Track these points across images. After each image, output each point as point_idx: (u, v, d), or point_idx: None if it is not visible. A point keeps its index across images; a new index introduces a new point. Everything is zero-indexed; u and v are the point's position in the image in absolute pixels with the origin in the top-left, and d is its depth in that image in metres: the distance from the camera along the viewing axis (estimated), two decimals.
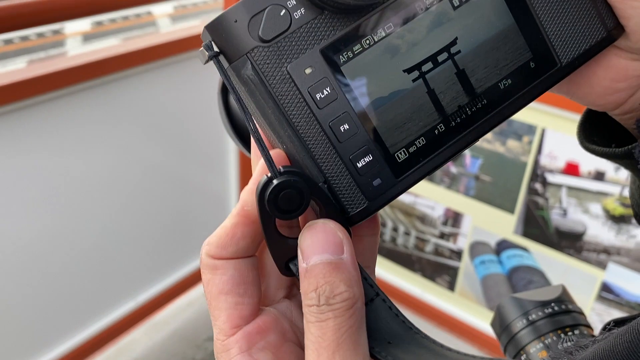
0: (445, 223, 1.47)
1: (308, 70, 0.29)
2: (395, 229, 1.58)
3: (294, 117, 0.29)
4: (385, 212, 1.59)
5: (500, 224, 1.36)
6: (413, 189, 1.49)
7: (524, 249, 1.35)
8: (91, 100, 1.34)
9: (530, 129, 1.25)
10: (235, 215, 0.31)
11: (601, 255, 1.24)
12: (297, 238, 0.29)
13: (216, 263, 0.30)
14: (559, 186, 1.25)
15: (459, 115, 0.31)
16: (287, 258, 0.30)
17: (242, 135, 0.45)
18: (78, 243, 1.39)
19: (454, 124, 0.31)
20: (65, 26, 8.31)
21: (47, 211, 1.31)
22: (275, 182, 0.28)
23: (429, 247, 1.53)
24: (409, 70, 0.30)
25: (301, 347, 0.32)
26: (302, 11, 0.29)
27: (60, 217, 1.34)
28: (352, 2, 0.28)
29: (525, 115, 1.25)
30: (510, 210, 1.33)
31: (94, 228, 1.41)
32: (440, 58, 0.31)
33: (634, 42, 0.34)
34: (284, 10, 0.28)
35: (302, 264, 0.28)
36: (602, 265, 1.24)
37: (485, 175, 1.35)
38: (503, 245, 1.38)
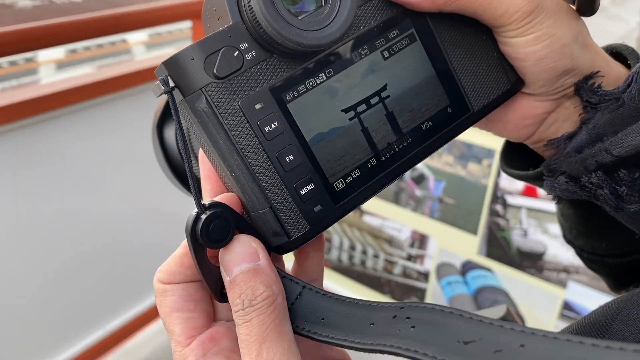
0: (412, 245, 1.51)
1: (258, 106, 0.32)
2: (364, 252, 1.61)
3: (244, 147, 0.32)
4: (354, 236, 1.61)
5: (464, 245, 1.40)
6: (380, 212, 1.52)
7: (488, 269, 1.38)
8: (64, 128, 1.35)
9: (489, 153, 1.29)
10: (183, 247, 0.34)
11: (561, 274, 1.28)
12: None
13: (166, 287, 0.34)
14: (518, 208, 1.29)
15: (388, 151, 0.36)
16: (221, 286, 0.33)
17: (177, 172, 0.47)
18: (45, 272, 1.38)
19: (384, 159, 0.35)
20: (39, 54, 8.26)
21: (14, 240, 1.30)
22: (206, 214, 0.31)
23: (397, 270, 1.56)
24: (346, 110, 0.34)
25: None
26: (254, 53, 0.32)
27: (27, 245, 1.33)
28: (300, 47, 0.31)
29: (485, 139, 1.29)
30: (474, 231, 1.37)
31: (61, 256, 1.40)
32: (372, 101, 0.35)
33: (532, 90, 0.40)
34: (237, 52, 0.31)
35: (226, 278, 0.31)
36: (562, 284, 1.28)
37: (448, 198, 1.39)
38: (468, 266, 1.42)
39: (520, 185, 1.27)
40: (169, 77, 0.31)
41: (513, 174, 0.45)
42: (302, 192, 0.33)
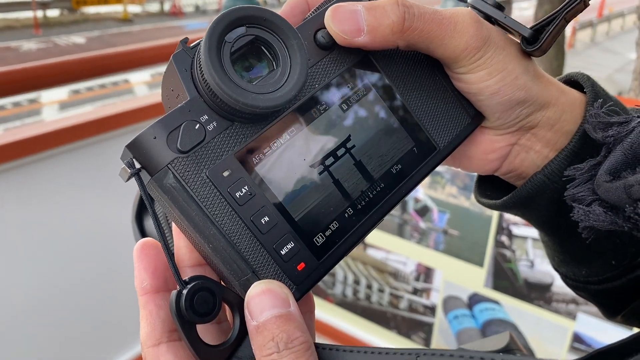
0: (417, 279, 1.49)
1: (226, 173, 0.32)
2: (369, 287, 1.59)
3: (217, 216, 0.31)
4: (359, 270, 1.59)
5: (470, 277, 1.38)
6: (384, 245, 1.51)
7: (495, 302, 1.36)
8: (67, 164, 1.35)
9: None
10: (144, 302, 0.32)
11: (570, 305, 1.26)
12: (221, 344, 0.31)
13: (158, 350, 0.31)
14: (524, 238, 1.28)
15: (362, 199, 0.36)
16: None
17: None
18: (50, 309, 1.36)
19: (360, 207, 0.36)
20: (42, 95, 8.38)
21: (26, 274, 1.29)
22: (187, 288, 0.30)
23: (403, 304, 1.54)
24: (314, 166, 0.35)
25: None
26: (215, 124, 0.32)
27: (37, 280, 1.32)
28: (258, 110, 0.31)
29: None
30: (480, 263, 1.36)
31: (66, 292, 1.39)
32: (339, 153, 0.36)
33: (492, 122, 0.42)
34: (198, 124, 0.32)
35: (252, 322, 0.29)
36: (571, 316, 1.26)
37: (453, 230, 1.38)
38: (475, 299, 1.39)
39: None
40: (134, 160, 0.31)
41: (484, 203, 0.46)
42: (283, 252, 0.33)
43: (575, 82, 0.44)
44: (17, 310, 1.30)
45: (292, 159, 0.34)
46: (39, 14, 16.08)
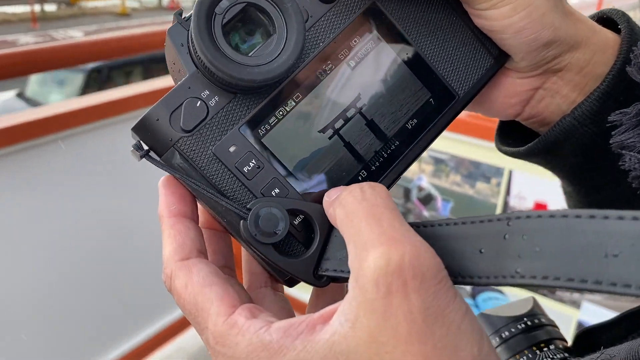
0: None
1: (232, 149, 0.32)
2: None
3: (228, 191, 0.31)
4: None
5: None
6: None
7: (499, 291, 1.35)
8: (67, 150, 1.34)
9: (497, 171, 1.27)
10: (172, 223, 0.32)
11: (575, 294, 1.25)
12: (305, 253, 0.32)
13: (191, 262, 0.31)
14: None
15: (377, 159, 0.35)
16: (311, 270, 0.31)
17: None
18: (62, 290, 1.35)
19: (374, 169, 0.35)
20: None
21: (33, 260, 1.28)
22: (249, 214, 0.30)
23: None
24: (323, 130, 0.34)
25: None
26: (216, 99, 0.31)
27: (42, 268, 1.30)
28: (255, 84, 0.30)
29: (492, 157, 1.28)
30: None
31: (78, 275, 1.38)
32: (349, 114, 0.34)
33: (516, 63, 0.38)
34: (199, 102, 0.31)
35: (336, 210, 0.29)
36: (576, 305, 1.25)
37: None
38: (478, 289, 1.38)
39: (529, 203, 1.25)
40: (141, 142, 0.31)
41: (506, 152, 0.44)
42: (296, 222, 0.32)
43: (608, 19, 0.41)
44: (13, 301, 1.29)
45: (300, 126, 0.33)
46: (37, 8, 16.02)
